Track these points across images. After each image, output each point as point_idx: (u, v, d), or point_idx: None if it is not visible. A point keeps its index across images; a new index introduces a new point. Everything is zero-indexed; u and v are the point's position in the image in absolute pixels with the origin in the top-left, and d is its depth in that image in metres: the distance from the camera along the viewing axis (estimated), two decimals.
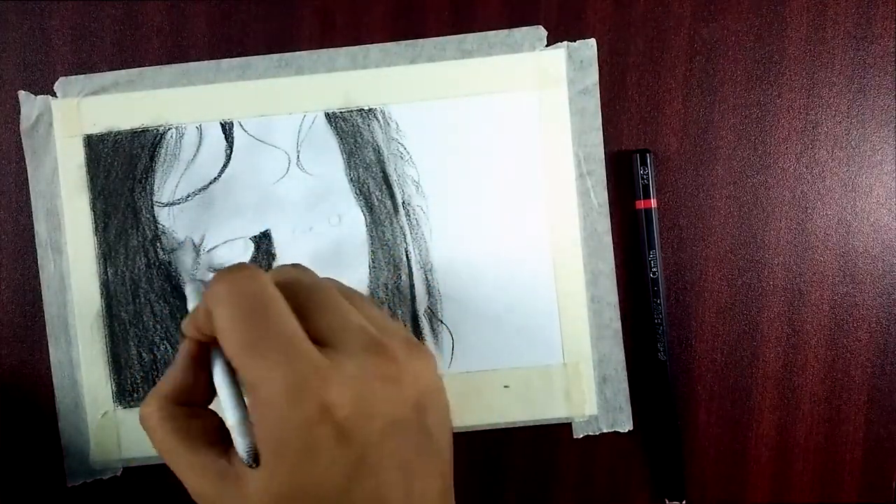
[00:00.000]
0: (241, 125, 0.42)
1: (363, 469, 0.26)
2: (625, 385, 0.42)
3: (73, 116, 0.41)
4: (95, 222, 0.42)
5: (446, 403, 0.29)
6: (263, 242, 0.42)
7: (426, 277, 0.42)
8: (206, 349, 0.29)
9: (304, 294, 0.28)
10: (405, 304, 0.42)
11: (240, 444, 0.26)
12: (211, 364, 0.28)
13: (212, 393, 0.29)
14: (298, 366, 0.25)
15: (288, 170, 0.42)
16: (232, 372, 0.28)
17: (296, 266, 0.30)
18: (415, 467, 0.27)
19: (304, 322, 0.26)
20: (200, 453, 0.27)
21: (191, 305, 0.30)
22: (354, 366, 0.26)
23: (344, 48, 0.42)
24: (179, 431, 0.28)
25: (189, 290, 0.31)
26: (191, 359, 0.29)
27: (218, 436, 0.28)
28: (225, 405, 0.27)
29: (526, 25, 0.42)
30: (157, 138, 0.42)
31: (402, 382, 0.27)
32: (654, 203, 0.41)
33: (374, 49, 0.42)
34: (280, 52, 0.42)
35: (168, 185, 0.42)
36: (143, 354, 0.42)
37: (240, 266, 0.27)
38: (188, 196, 0.42)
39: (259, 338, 0.25)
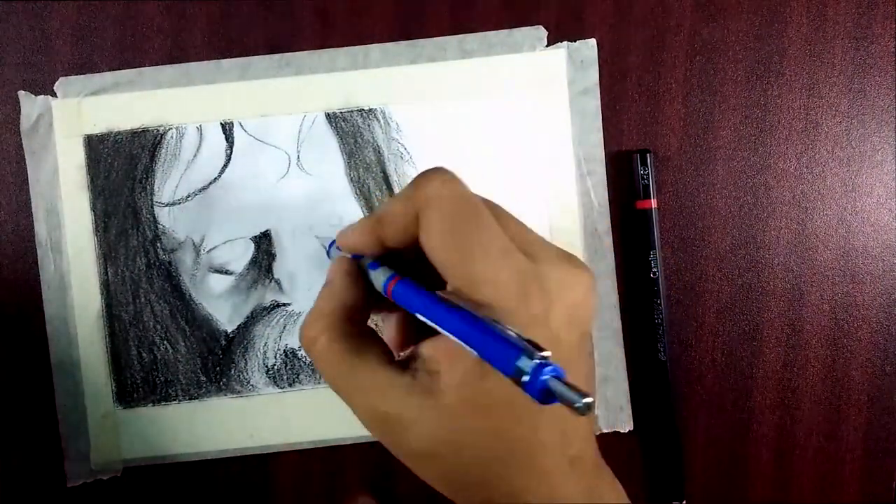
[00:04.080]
0: (241, 125, 0.42)
1: None
2: (625, 385, 0.42)
3: (74, 116, 0.41)
4: (95, 222, 0.42)
5: None
6: (263, 242, 0.42)
7: None
8: (357, 265, 0.28)
9: (489, 205, 0.27)
10: None
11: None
12: (369, 276, 0.28)
13: (369, 308, 0.29)
14: (521, 267, 0.25)
15: (288, 170, 0.42)
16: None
17: None
18: (590, 385, 0.26)
19: None
20: (380, 372, 0.26)
21: (334, 254, 0.30)
22: (560, 274, 0.26)
23: (344, 48, 0.42)
24: (353, 352, 0.27)
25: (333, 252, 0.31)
26: (348, 275, 0.28)
27: (390, 355, 0.27)
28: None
29: (526, 26, 0.42)
30: (158, 138, 0.42)
31: (594, 295, 0.27)
32: (654, 203, 0.41)
33: (375, 49, 0.42)
34: (280, 52, 0.42)
35: (168, 185, 0.42)
36: (143, 354, 0.42)
37: (442, 170, 0.26)
38: (188, 196, 0.42)
39: (478, 241, 0.25)
